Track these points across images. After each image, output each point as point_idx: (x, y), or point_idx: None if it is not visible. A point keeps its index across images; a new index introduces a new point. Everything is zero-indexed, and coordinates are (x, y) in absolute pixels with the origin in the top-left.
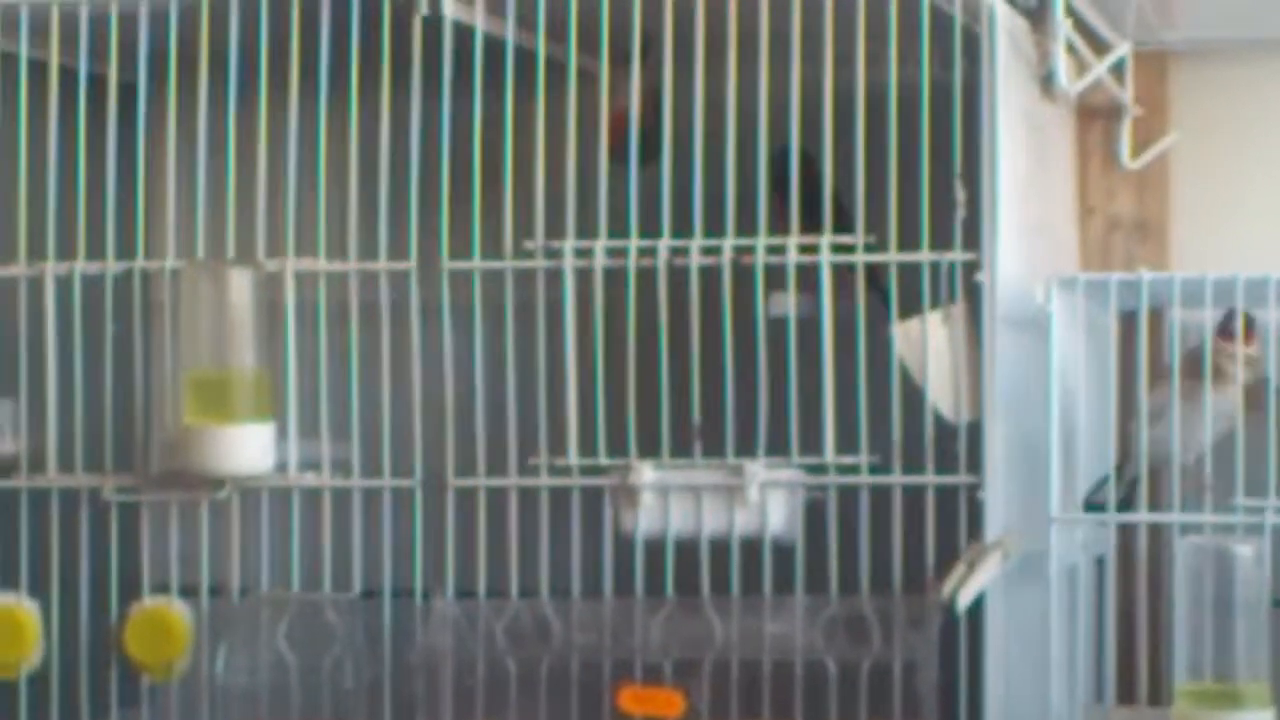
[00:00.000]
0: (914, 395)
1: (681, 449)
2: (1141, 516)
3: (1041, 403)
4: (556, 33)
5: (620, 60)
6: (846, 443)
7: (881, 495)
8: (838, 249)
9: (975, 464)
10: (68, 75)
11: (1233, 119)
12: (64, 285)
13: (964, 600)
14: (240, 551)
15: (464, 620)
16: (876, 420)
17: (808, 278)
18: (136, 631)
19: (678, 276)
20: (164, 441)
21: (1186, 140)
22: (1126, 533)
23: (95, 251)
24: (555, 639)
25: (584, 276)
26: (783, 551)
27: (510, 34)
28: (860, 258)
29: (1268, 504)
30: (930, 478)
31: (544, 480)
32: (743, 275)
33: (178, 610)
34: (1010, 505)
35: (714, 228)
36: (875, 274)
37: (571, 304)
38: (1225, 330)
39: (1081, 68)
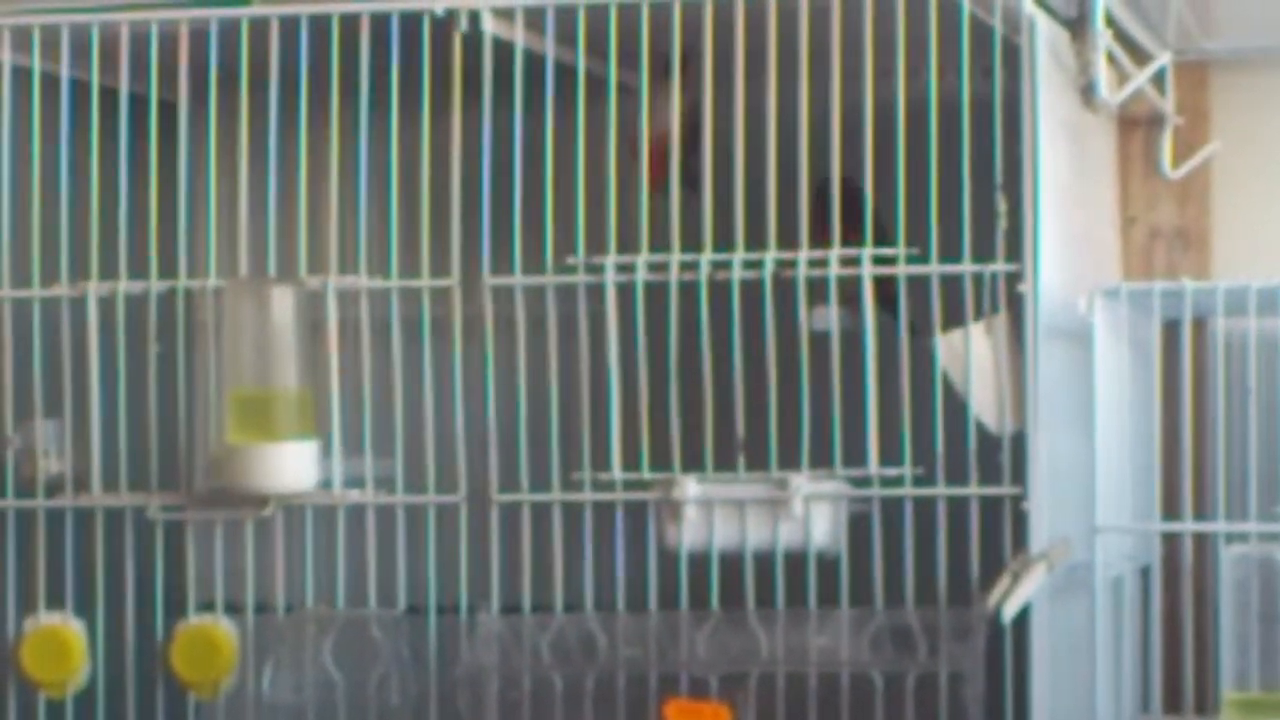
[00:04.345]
0: (957, 407)
1: (725, 462)
2: (1187, 526)
3: (1085, 413)
4: (596, 47)
5: (660, 75)
6: (890, 455)
7: (925, 507)
8: (880, 261)
9: (1019, 475)
10: (108, 95)
11: (1274, 127)
12: (107, 305)
13: (1009, 611)
14: (285, 569)
15: (509, 636)
16: (920, 432)
17: (850, 292)
18: (183, 649)
19: (720, 290)
20: (208, 460)
21: (1228, 149)
22: (1171, 542)
23: (138, 270)
24: (600, 653)
25: (626, 291)
26: (827, 564)
27: (550, 49)
28: (902, 269)
29: None
30: (974, 489)
31: (587, 495)
32: (785, 289)
33: (223, 628)
34: (1055, 516)
35: (755, 242)
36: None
37: (614, 319)
38: None
39: (1122, 78)
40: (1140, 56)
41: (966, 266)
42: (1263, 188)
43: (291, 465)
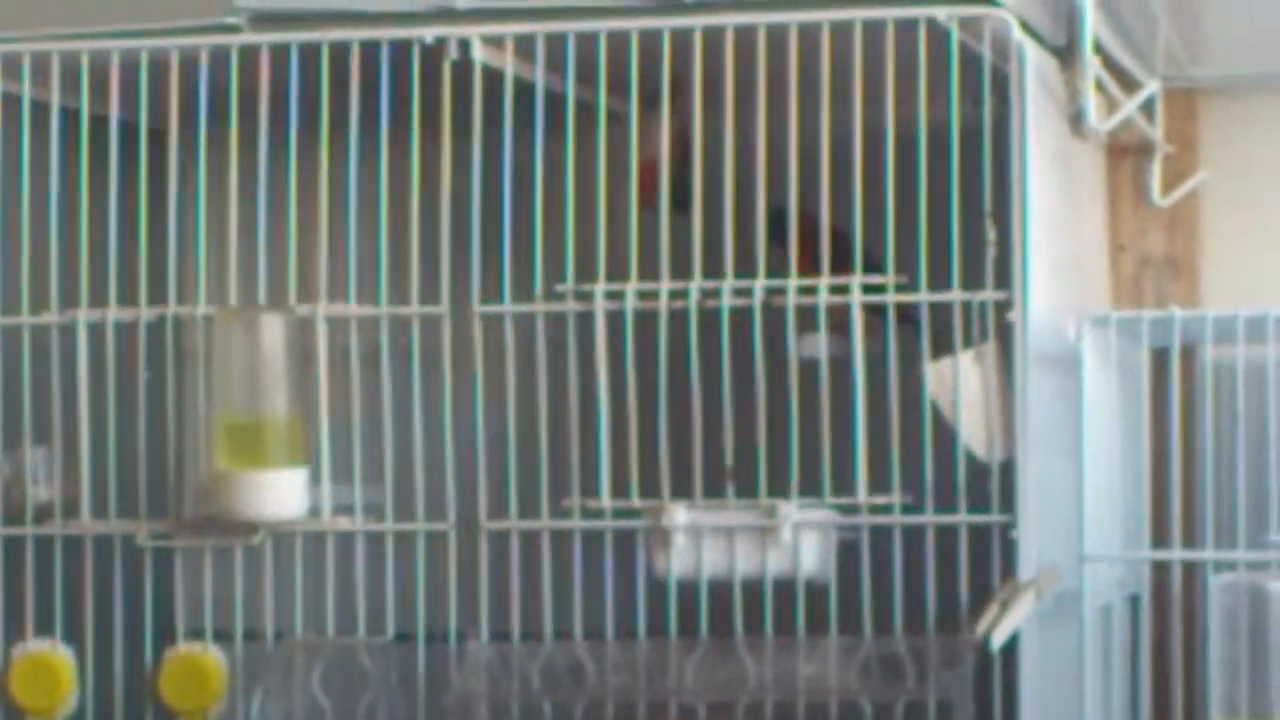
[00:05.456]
0: (946, 435)
1: (714, 490)
2: (1175, 554)
3: (1074, 441)
4: (586, 75)
5: (650, 102)
6: (879, 483)
7: (914, 535)
8: (869, 289)
9: (1008, 503)
10: (98, 122)
11: (1263, 155)
12: (96, 332)
13: (998, 639)
14: (274, 596)
15: (498, 663)
16: (909, 460)
17: (839, 319)
18: (171, 677)
19: (709, 318)
20: (197, 487)
21: (1217, 177)
22: (1160, 570)
23: (127, 298)
24: (589, 681)
25: (615, 319)
26: (816, 592)
27: (540, 77)
28: (891, 298)
29: None
30: (963, 517)
31: (577, 522)
32: (774, 316)
33: (212, 656)
34: (1044, 544)
35: (745, 269)
36: (907, 310)
37: (603, 346)
38: None
39: (1111, 106)
40: (1129, 84)
41: (955, 294)
42: (1252, 216)
43: (281, 493)
